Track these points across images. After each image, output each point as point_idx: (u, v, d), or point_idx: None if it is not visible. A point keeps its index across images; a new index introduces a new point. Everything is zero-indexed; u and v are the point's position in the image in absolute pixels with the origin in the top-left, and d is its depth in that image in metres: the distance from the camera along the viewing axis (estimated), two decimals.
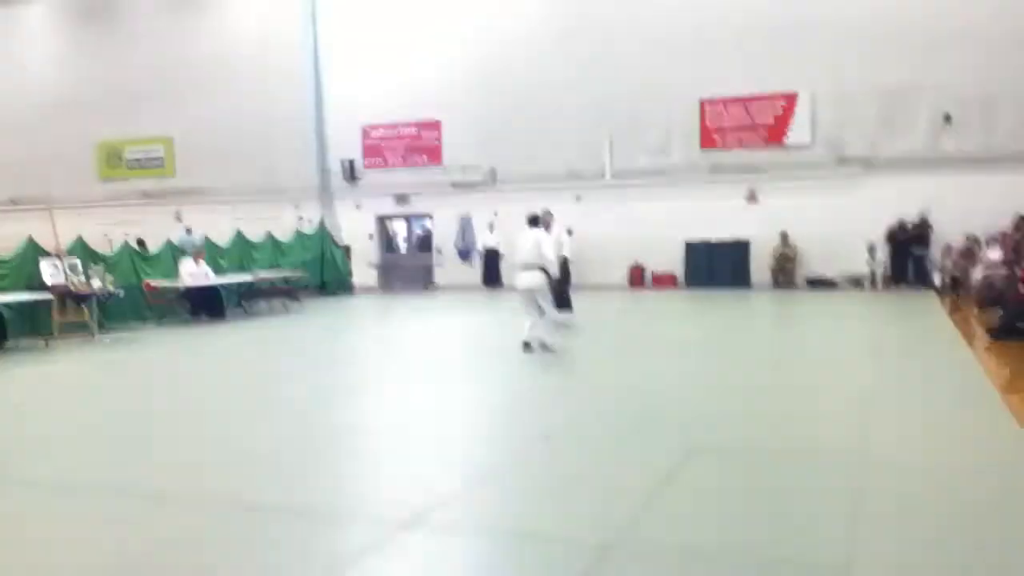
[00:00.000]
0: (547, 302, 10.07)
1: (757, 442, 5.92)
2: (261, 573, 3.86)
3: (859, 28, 18.16)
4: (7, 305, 12.24)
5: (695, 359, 9.97)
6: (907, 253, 17.90)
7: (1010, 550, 3.92)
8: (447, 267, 21.99)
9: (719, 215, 19.16)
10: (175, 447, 6.26)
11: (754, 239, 19.03)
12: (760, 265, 19.05)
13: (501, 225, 20.30)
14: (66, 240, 13.81)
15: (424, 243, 23.15)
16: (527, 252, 9.93)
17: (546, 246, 9.94)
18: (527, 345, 9.95)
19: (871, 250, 18.04)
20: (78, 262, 13.29)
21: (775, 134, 19.18)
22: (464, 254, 21.98)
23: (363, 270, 21.82)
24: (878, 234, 18.02)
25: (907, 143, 18.17)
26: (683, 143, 19.83)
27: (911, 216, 17.90)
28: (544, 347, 9.96)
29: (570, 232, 19.66)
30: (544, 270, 9.92)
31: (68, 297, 12.85)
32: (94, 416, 7.57)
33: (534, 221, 10.32)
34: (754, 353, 10.45)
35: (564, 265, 12.36)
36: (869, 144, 18.47)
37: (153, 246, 16.73)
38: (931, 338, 11.06)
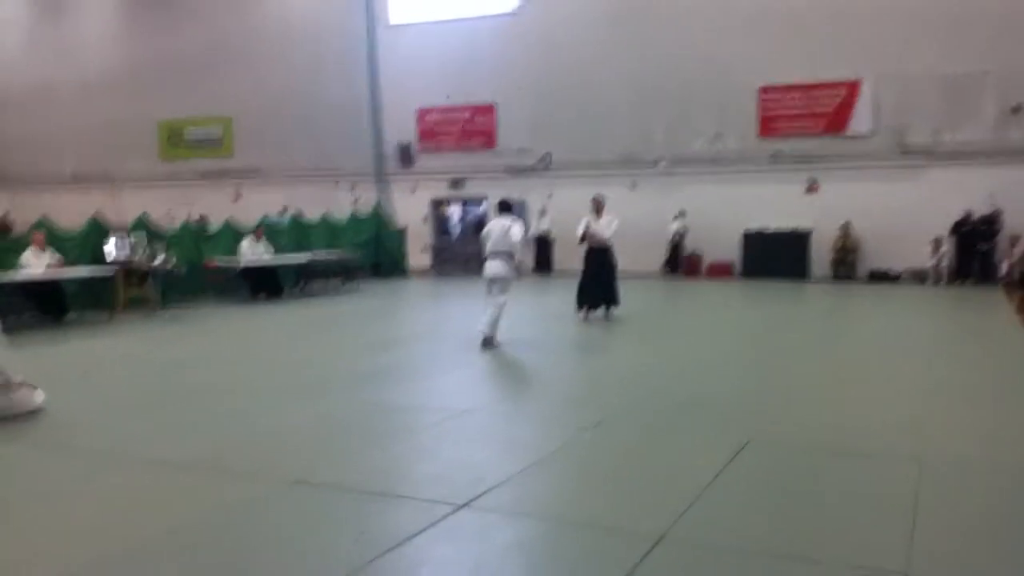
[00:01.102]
0: (506, 294, 9.68)
1: (813, 437, 5.80)
2: (316, 549, 3.90)
3: (924, 13, 17.69)
4: (71, 280, 12.57)
5: (751, 350, 9.83)
6: (973, 247, 17.38)
7: None
8: None
9: (778, 205, 18.82)
10: (233, 422, 6.37)
11: (814, 230, 18.67)
12: (819, 257, 18.69)
13: (554, 210, 20.24)
14: (129, 216, 14.12)
15: (478, 227, 23.13)
16: (496, 239, 9.64)
17: (515, 232, 9.63)
18: (487, 341, 9.46)
19: (936, 244, 17.55)
20: (142, 238, 13.59)
21: (836, 123, 18.76)
22: None
23: (417, 253, 21.94)
24: (942, 227, 17.53)
25: (972, 133, 17.64)
26: (740, 131, 19.52)
27: (978, 209, 17.38)
28: (488, 342, 9.49)
29: (683, 213, 19.50)
30: (513, 258, 9.62)
31: (131, 272, 13.16)
32: (154, 389, 7.73)
33: (505, 207, 10.08)
34: (812, 346, 10.26)
35: (608, 254, 11.97)
36: (933, 134, 17.97)
37: (212, 224, 17.05)
38: (995, 336, 10.74)
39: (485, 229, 10.07)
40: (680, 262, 19.82)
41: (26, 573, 3.66)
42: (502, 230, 9.69)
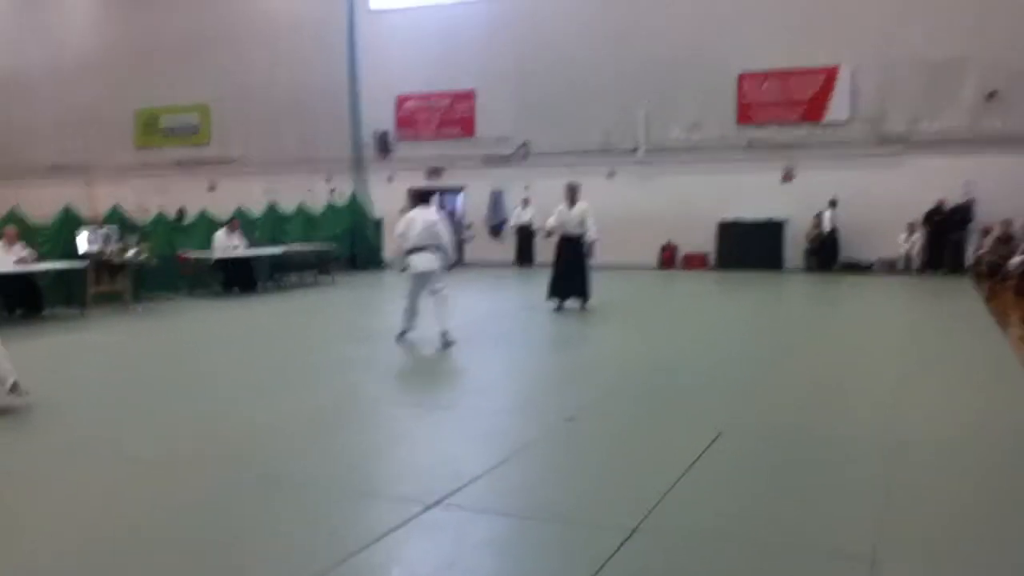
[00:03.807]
0: (444, 284, 9.30)
1: (786, 425, 5.87)
2: (286, 546, 3.89)
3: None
4: (44, 273, 12.40)
5: (725, 341, 9.89)
6: (945, 237, 17.54)
7: None
8: (478, 243, 21.94)
9: (754, 194, 18.90)
10: (203, 417, 6.33)
11: (789, 220, 18.79)
12: (794, 246, 18.81)
13: (534, 200, 20.22)
14: (103, 208, 13.95)
15: (455, 218, 23.11)
16: (422, 232, 9.14)
17: (444, 231, 9.29)
18: (442, 338, 9.04)
19: (910, 229, 17.71)
20: (114, 231, 13.43)
21: (813, 110, 18.86)
22: (495, 229, 21.90)
23: (394, 244, 21.81)
24: (916, 216, 17.69)
25: (950, 120, 17.74)
26: (719, 118, 19.56)
27: (952, 198, 17.52)
28: (447, 340, 9.07)
29: (834, 203, 18.06)
30: (441, 252, 9.26)
31: (104, 266, 13.00)
32: (123, 384, 7.67)
33: (422, 198, 9.76)
34: (785, 335, 10.34)
35: (579, 245, 11.82)
36: (910, 121, 18.08)
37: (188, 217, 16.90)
38: (965, 325, 10.86)
39: (403, 221, 9.47)
40: (830, 259, 18.27)
41: None
42: (427, 223, 9.20)
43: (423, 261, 9.16)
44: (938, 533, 3.95)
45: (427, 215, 9.34)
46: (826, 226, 18.25)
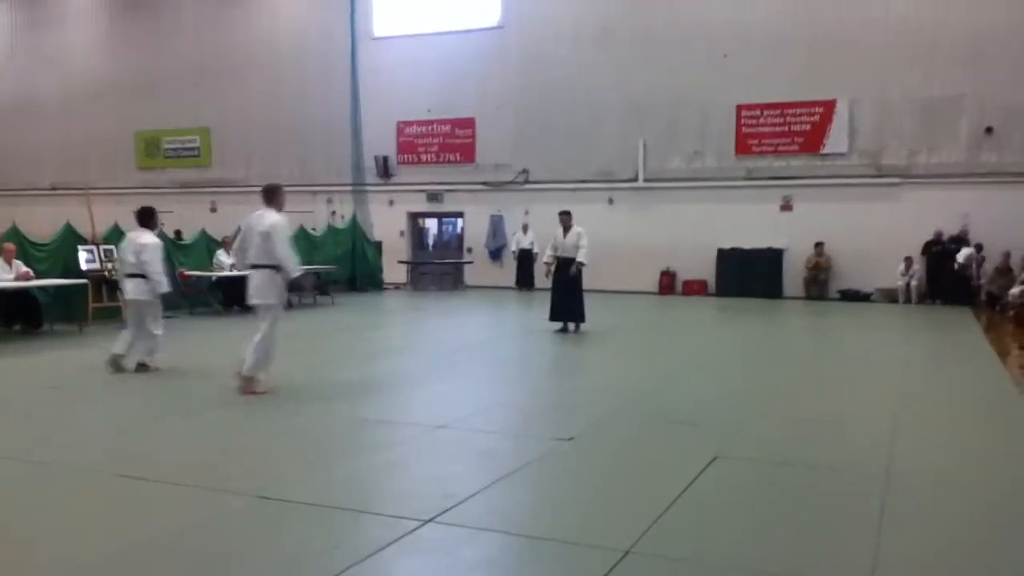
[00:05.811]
0: (156, 318, 9.10)
1: (782, 451, 5.85)
2: (283, 562, 3.88)
3: (901, 36, 17.96)
4: (43, 290, 12.42)
5: (723, 367, 9.89)
6: (943, 267, 17.56)
7: None
8: (478, 267, 22.01)
9: (753, 223, 19.00)
10: (199, 440, 6.32)
11: (787, 248, 18.87)
12: (793, 275, 18.88)
13: (533, 226, 20.32)
14: (103, 227, 14.00)
15: (455, 242, 23.21)
16: (131, 257, 8.83)
17: (150, 253, 8.80)
18: (115, 362, 8.89)
19: (907, 263, 17.73)
20: (114, 249, 13.46)
21: (812, 142, 18.99)
22: (495, 254, 21.97)
23: (394, 267, 21.90)
24: (914, 247, 17.76)
25: (947, 155, 17.91)
26: (718, 149, 19.70)
27: (949, 230, 17.62)
28: (143, 366, 8.98)
29: (979, 248, 16.87)
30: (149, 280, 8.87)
31: (103, 284, 13.03)
32: (122, 403, 7.66)
33: (143, 219, 9.11)
34: (783, 362, 10.34)
35: (577, 271, 11.80)
36: (907, 155, 18.24)
37: (188, 235, 16.93)
38: (964, 354, 10.88)
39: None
40: (975, 292, 16.99)
41: None
42: (136, 247, 8.78)
43: (132, 289, 8.96)
44: (935, 560, 3.92)
45: (142, 238, 8.98)
46: (960, 260, 17.08)
